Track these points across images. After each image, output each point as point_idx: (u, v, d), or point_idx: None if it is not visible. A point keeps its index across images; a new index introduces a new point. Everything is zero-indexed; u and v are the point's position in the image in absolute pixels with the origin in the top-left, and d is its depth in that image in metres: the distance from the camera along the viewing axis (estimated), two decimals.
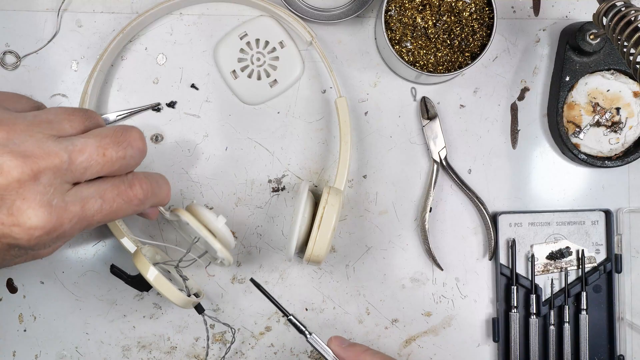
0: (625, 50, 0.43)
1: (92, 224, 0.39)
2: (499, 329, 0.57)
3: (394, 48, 0.52)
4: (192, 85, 0.56)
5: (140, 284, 0.51)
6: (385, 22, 0.52)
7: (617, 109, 0.56)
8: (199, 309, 0.53)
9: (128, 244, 0.51)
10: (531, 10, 0.58)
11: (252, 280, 0.50)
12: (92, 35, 0.56)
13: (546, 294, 0.58)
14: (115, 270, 0.52)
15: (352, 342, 0.51)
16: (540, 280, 0.58)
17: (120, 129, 0.40)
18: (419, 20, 0.53)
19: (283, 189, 0.57)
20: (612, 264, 0.58)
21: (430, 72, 0.53)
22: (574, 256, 0.58)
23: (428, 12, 0.53)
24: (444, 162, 0.57)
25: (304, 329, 0.49)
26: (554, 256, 0.58)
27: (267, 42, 0.56)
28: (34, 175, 0.35)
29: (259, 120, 0.57)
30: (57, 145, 0.36)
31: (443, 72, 0.53)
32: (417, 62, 0.53)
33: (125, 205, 0.40)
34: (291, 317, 0.50)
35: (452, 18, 0.53)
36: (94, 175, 0.38)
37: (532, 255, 0.58)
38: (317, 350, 0.50)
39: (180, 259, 0.51)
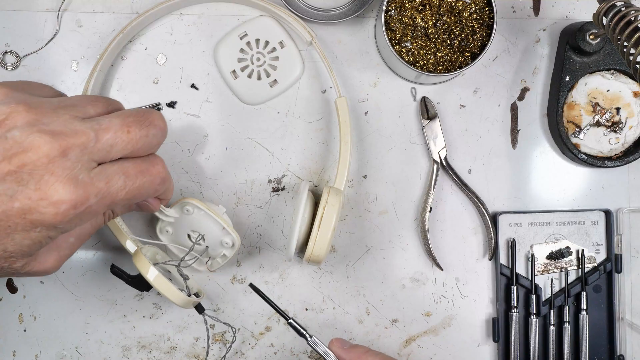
0: (625, 50, 0.43)
1: (116, 201, 0.39)
2: (499, 329, 0.57)
3: (394, 48, 0.52)
4: (192, 85, 0.56)
5: (140, 284, 0.51)
6: (385, 22, 0.52)
7: (617, 109, 0.56)
8: (199, 308, 0.53)
9: (128, 244, 0.51)
10: (531, 10, 0.58)
11: (251, 285, 0.50)
12: (92, 35, 0.56)
13: (546, 294, 0.58)
14: (116, 270, 0.52)
15: (354, 343, 0.51)
16: (540, 280, 0.58)
17: (142, 110, 0.42)
18: (419, 20, 0.53)
19: (283, 189, 0.57)
20: (612, 264, 0.58)
21: (430, 72, 0.53)
22: (574, 256, 0.58)
23: (428, 12, 0.53)
24: (444, 162, 0.57)
25: (304, 333, 0.49)
26: (554, 256, 0.58)
27: (267, 42, 0.56)
28: (63, 152, 0.36)
29: (259, 120, 0.57)
30: (84, 125, 0.38)
31: (443, 72, 0.53)
32: (417, 62, 0.53)
33: (147, 184, 0.41)
34: (291, 321, 0.50)
35: (452, 18, 0.53)
36: (119, 153, 0.39)
37: (532, 255, 0.58)
38: (318, 353, 0.50)
39: (182, 257, 0.51)
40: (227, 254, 0.53)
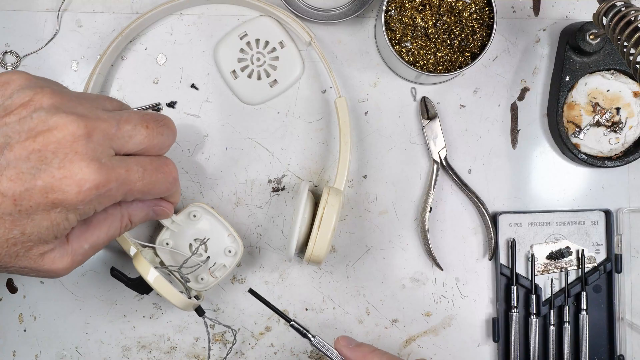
0: (625, 50, 0.43)
1: (134, 191, 0.40)
2: (499, 329, 0.57)
3: (394, 48, 0.52)
4: (192, 85, 0.56)
5: (140, 286, 0.51)
6: (385, 22, 0.52)
7: (617, 109, 0.56)
8: (199, 311, 0.53)
9: (129, 246, 0.52)
10: (531, 10, 0.58)
11: (250, 290, 0.50)
12: (92, 35, 0.56)
13: (546, 294, 0.58)
14: (116, 273, 0.52)
15: (359, 342, 0.51)
16: (540, 280, 0.58)
17: (156, 113, 0.45)
18: (419, 20, 0.53)
19: (283, 189, 0.57)
20: (612, 264, 0.58)
21: (430, 72, 0.53)
22: (574, 256, 0.58)
23: (428, 12, 0.53)
24: (444, 162, 0.57)
25: (307, 333, 0.49)
26: (554, 256, 0.58)
27: (267, 42, 0.56)
28: (88, 133, 0.37)
29: (259, 120, 0.57)
30: (106, 114, 0.39)
31: (443, 72, 0.53)
32: (417, 62, 0.53)
33: (162, 180, 0.43)
34: (293, 322, 0.49)
35: (452, 18, 0.53)
36: (136, 146, 0.41)
37: (532, 255, 0.58)
38: (322, 352, 0.49)
39: (184, 260, 0.52)
40: (227, 263, 0.53)
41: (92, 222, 0.43)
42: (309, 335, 0.49)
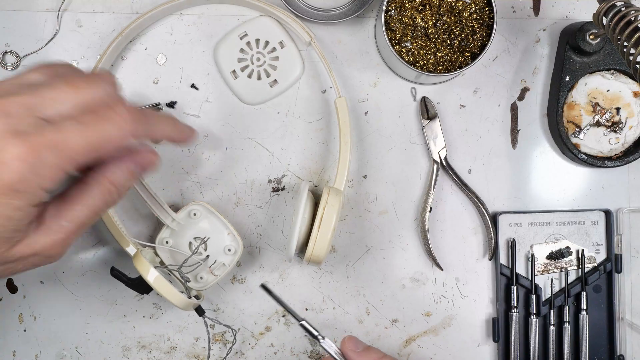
0: (625, 50, 0.43)
1: (77, 152, 0.36)
2: (499, 329, 0.57)
3: (394, 48, 0.52)
4: (192, 85, 0.56)
5: (140, 286, 0.51)
6: (385, 22, 0.52)
7: (617, 109, 0.56)
8: (200, 311, 0.53)
9: (128, 246, 0.52)
10: (531, 10, 0.58)
11: (262, 285, 0.49)
12: (92, 35, 0.56)
13: (546, 294, 0.58)
14: (116, 273, 0.52)
15: (367, 345, 0.49)
16: (540, 280, 0.58)
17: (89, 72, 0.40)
18: (419, 20, 0.53)
19: (283, 189, 0.57)
20: (612, 264, 0.58)
21: (430, 72, 0.53)
22: (574, 256, 0.58)
23: (428, 12, 0.53)
24: (444, 162, 0.57)
25: (317, 334, 0.48)
26: (554, 256, 0.58)
27: (267, 42, 0.56)
28: (3, 110, 0.34)
29: (259, 120, 0.57)
30: (26, 87, 0.36)
31: (443, 72, 0.53)
32: (417, 62, 0.53)
33: (111, 128, 0.37)
34: (303, 322, 0.48)
35: (452, 18, 0.53)
36: (68, 107, 0.37)
37: (532, 255, 0.58)
38: (329, 354, 0.48)
39: (185, 260, 0.52)
40: (227, 262, 0.53)
41: (67, 196, 0.39)
42: (319, 337, 0.48)
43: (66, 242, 0.39)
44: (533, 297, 0.57)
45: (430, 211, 0.57)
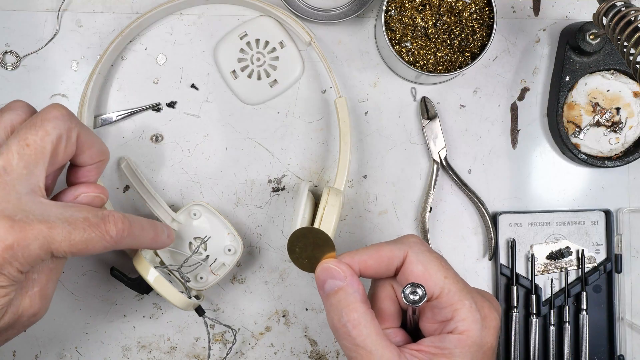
0: (625, 50, 0.43)
1: (59, 250, 0.37)
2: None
3: (394, 48, 0.52)
4: (192, 85, 0.56)
5: (140, 286, 0.51)
6: (385, 22, 0.52)
7: (617, 109, 0.56)
8: (200, 311, 0.53)
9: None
10: (531, 10, 0.58)
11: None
12: (92, 35, 0.56)
13: (546, 294, 0.58)
14: (116, 273, 0.52)
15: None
16: (540, 280, 0.58)
17: (36, 114, 0.39)
18: (419, 20, 0.53)
19: (283, 189, 0.57)
20: (612, 264, 0.58)
21: (430, 72, 0.53)
22: (574, 256, 0.58)
23: (428, 12, 0.53)
24: (444, 162, 0.57)
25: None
26: (554, 256, 0.58)
27: (267, 42, 0.56)
28: None
29: (259, 120, 0.57)
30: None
31: (443, 72, 0.53)
32: (417, 62, 0.53)
33: (96, 238, 0.38)
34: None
35: (452, 18, 0.53)
36: (43, 170, 0.38)
37: (532, 255, 0.58)
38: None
39: (185, 260, 0.52)
40: (227, 262, 0.53)
41: None
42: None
43: (42, 293, 0.40)
44: (533, 297, 0.57)
45: (430, 211, 0.57)
